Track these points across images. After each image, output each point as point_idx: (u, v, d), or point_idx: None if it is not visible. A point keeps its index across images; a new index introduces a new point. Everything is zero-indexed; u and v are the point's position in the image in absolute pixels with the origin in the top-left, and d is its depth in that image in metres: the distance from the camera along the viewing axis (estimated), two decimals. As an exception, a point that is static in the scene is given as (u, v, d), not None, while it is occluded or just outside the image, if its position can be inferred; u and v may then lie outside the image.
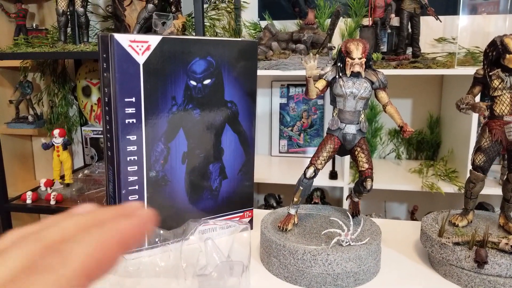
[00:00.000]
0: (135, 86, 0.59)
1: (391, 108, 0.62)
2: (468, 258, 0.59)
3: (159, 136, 0.63)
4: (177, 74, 0.63)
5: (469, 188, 0.66)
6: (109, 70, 0.58)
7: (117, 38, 0.57)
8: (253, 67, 0.70)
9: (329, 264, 0.58)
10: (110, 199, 0.64)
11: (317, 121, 1.94)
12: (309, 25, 1.64)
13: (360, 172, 0.63)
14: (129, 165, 0.61)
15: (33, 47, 1.67)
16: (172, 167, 0.66)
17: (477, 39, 1.70)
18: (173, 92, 0.63)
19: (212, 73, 0.66)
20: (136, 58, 0.59)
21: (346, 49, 0.60)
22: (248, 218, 0.76)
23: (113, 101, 0.59)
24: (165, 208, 0.66)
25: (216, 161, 0.70)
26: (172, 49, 0.62)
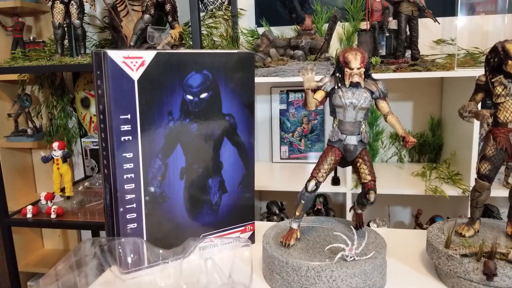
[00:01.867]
0: (130, 102, 0.58)
1: (392, 118, 0.61)
2: (476, 270, 0.57)
3: (156, 152, 0.62)
4: (173, 88, 0.62)
5: (475, 197, 0.64)
6: (103, 87, 0.57)
7: (110, 54, 0.56)
8: (250, 78, 0.69)
9: (333, 280, 0.56)
10: (108, 217, 0.63)
11: (317, 126, 1.93)
12: (306, 31, 1.63)
13: (363, 184, 0.61)
14: (126, 183, 0.60)
15: (31, 61, 1.67)
16: (171, 183, 0.64)
17: (476, 40, 1.69)
18: (169, 107, 0.62)
19: (209, 87, 0.65)
20: (131, 75, 0.57)
21: (345, 59, 0.59)
22: (250, 232, 0.75)
23: (107, 119, 0.58)
24: (164, 225, 0.65)
25: (216, 175, 0.69)
26: (167, 63, 0.60)
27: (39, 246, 2.33)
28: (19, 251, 2.00)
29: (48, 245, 2.36)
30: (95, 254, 0.57)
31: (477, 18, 1.72)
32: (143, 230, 0.63)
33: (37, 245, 2.32)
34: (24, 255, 2.18)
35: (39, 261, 2.21)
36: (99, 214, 1.67)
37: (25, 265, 2.13)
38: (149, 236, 0.63)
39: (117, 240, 0.59)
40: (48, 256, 2.26)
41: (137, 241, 0.60)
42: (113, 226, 0.61)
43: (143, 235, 0.63)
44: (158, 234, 0.64)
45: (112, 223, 0.62)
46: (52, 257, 2.25)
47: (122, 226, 0.61)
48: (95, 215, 1.67)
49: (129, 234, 0.61)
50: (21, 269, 2.01)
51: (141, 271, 0.62)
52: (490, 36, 1.71)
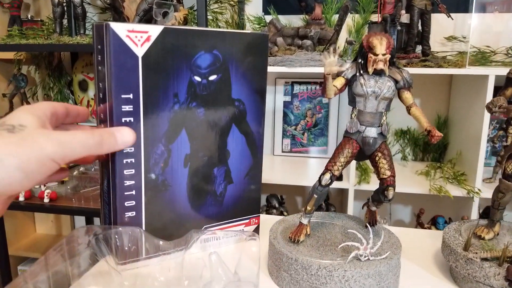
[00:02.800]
0: (133, 81, 0.53)
1: (417, 111, 0.57)
2: (497, 276, 0.53)
3: (159, 137, 0.57)
4: (180, 69, 0.57)
5: (497, 198, 0.60)
6: (104, 63, 0.52)
7: (113, 27, 0.51)
8: (263, 62, 0.64)
9: (346, 280, 0.52)
10: (104, 204, 0.58)
11: (321, 120, 1.89)
12: (316, 21, 1.58)
13: (381, 180, 0.57)
14: (125, 168, 0.55)
15: (27, 39, 1.61)
16: (173, 170, 0.60)
17: (488, 38, 1.65)
18: (175, 88, 0.57)
19: (219, 69, 0.60)
20: (135, 50, 0.53)
21: (369, 44, 0.54)
22: (254, 226, 0.71)
23: (108, 98, 0.53)
24: (164, 215, 0.60)
25: (221, 165, 0.64)
26: (175, 41, 0.55)
27: (31, 231, 2.29)
28: (10, 234, 1.95)
29: (41, 230, 2.32)
30: (89, 243, 0.52)
31: (489, 16, 1.68)
32: (142, 219, 0.58)
33: (29, 229, 2.27)
34: (16, 239, 2.14)
35: (31, 245, 2.17)
36: (93, 200, 1.63)
37: (16, 249, 2.09)
38: (148, 226, 0.59)
39: (114, 229, 0.55)
40: (40, 241, 2.22)
41: (135, 231, 0.55)
42: (109, 213, 0.57)
43: (142, 225, 0.58)
44: (157, 224, 0.60)
45: (109, 211, 0.57)
46: (44, 242, 2.21)
47: (119, 214, 0.56)
48: (90, 201, 1.63)
49: (127, 222, 0.57)
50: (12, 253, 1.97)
51: (138, 262, 0.58)
52: (503, 36, 1.67)
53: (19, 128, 0.40)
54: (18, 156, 0.38)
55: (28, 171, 0.39)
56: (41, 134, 0.41)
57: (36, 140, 0.40)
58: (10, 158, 0.38)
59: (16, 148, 0.38)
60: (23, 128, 0.40)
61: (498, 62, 1.54)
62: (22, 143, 0.39)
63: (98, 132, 0.47)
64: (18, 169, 0.38)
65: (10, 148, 0.38)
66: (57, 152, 0.41)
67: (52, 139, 0.41)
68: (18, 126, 0.40)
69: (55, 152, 0.41)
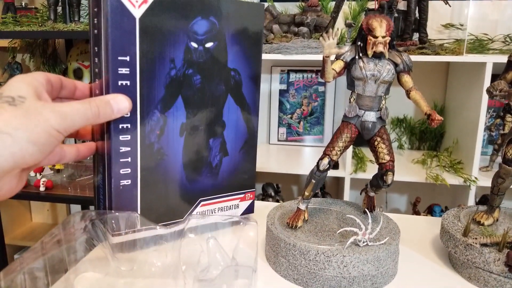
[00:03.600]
0: (129, 43, 0.52)
1: (416, 94, 0.56)
2: (497, 261, 0.53)
3: (155, 103, 0.56)
4: (177, 33, 0.55)
5: (497, 183, 0.60)
6: (101, 26, 0.51)
7: None
8: (259, 32, 0.63)
9: (344, 266, 0.52)
10: (98, 174, 0.57)
11: (317, 108, 1.88)
12: (312, 7, 1.57)
13: (380, 164, 0.57)
14: (121, 134, 0.54)
15: (22, 26, 1.59)
16: (169, 139, 0.58)
17: (485, 26, 1.64)
18: (172, 54, 0.56)
19: (215, 36, 0.59)
20: (132, 11, 0.51)
21: (368, 26, 0.53)
22: (250, 201, 0.70)
23: (104, 60, 0.51)
24: (160, 184, 0.59)
25: (217, 136, 0.63)
26: (172, 4, 0.54)
27: (27, 219, 2.28)
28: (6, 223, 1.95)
29: (37, 219, 2.31)
30: (85, 228, 0.51)
31: (488, 3, 1.67)
32: (138, 188, 0.57)
33: (25, 218, 2.26)
34: (12, 228, 2.13)
35: (27, 234, 2.17)
36: (89, 188, 1.62)
37: (12, 238, 2.09)
38: (142, 196, 0.58)
39: (110, 214, 0.54)
40: (36, 230, 2.21)
41: (132, 216, 0.55)
42: (103, 183, 0.56)
43: (137, 194, 0.57)
44: (153, 195, 0.58)
45: (102, 180, 0.56)
46: (40, 231, 2.20)
47: (114, 182, 0.55)
48: (85, 190, 1.62)
49: (122, 191, 0.55)
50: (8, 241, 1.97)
51: (135, 247, 0.57)
52: (500, 23, 1.67)
53: (19, 100, 0.40)
54: (27, 129, 0.39)
55: (39, 143, 0.40)
56: (44, 106, 0.41)
57: (40, 112, 0.40)
58: (20, 131, 0.38)
59: (24, 121, 0.39)
60: (24, 100, 0.40)
61: (496, 50, 1.54)
62: (28, 116, 0.39)
63: (95, 102, 0.47)
64: (30, 141, 0.39)
65: (18, 121, 0.38)
66: (61, 123, 0.42)
67: (55, 111, 0.42)
68: (17, 98, 0.40)
69: (59, 123, 0.41)
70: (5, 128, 0.37)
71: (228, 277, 0.46)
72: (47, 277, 0.46)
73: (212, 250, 0.50)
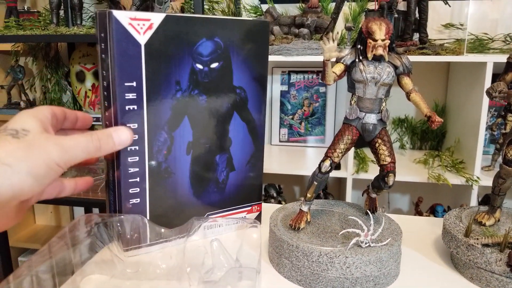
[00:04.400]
0: (136, 69, 0.53)
1: (416, 96, 0.57)
2: (499, 262, 0.54)
3: (162, 124, 0.57)
4: (182, 56, 0.57)
5: (498, 184, 0.60)
6: (108, 52, 0.52)
7: (116, 15, 0.50)
8: (264, 50, 0.64)
9: (347, 267, 0.53)
10: (110, 192, 0.58)
11: (318, 109, 1.89)
12: (312, 9, 1.57)
13: (381, 166, 0.57)
14: (129, 156, 0.55)
15: (25, 30, 1.60)
16: (176, 158, 0.60)
17: (486, 25, 1.65)
18: (177, 76, 0.57)
19: (220, 56, 0.60)
20: (137, 38, 0.52)
21: (368, 29, 0.54)
22: (256, 213, 0.71)
23: (111, 86, 0.53)
24: (167, 202, 0.61)
25: (223, 152, 0.64)
26: (177, 28, 0.55)
27: (31, 222, 2.29)
28: (9, 226, 1.95)
29: (40, 221, 2.32)
30: (91, 231, 0.52)
31: (488, 3, 1.67)
32: (146, 205, 0.58)
33: (29, 220, 2.27)
34: (15, 230, 2.14)
35: (30, 236, 2.18)
36: (92, 191, 1.63)
37: (16, 240, 2.10)
38: (151, 213, 0.59)
39: (116, 217, 0.55)
40: (40, 232, 2.23)
41: (137, 219, 0.56)
42: (114, 201, 0.57)
43: (146, 211, 0.59)
44: (160, 210, 0.60)
45: (114, 198, 0.57)
46: (43, 233, 2.21)
47: (124, 201, 0.56)
48: (89, 192, 1.62)
49: (131, 209, 0.57)
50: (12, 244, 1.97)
51: (140, 249, 0.58)
52: (500, 22, 1.67)
53: (23, 133, 0.41)
54: (27, 161, 0.39)
55: (38, 175, 0.40)
56: (46, 139, 0.42)
57: (42, 145, 0.41)
58: (20, 163, 0.39)
59: (25, 154, 0.39)
60: (27, 133, 0.41)
61: (496, 49, 1.54)
62: (29, 148, 0.40)
63: (96, 136, 0.48)
64: (29, 174, 0.39)
65: (19, 153, 0.39)
66: (62, 157, 0.42)
67: (56, 144, 0.42)
68: (21, 131, 0.41)
69: (60, 157, 0.42)
70: (6, 159, 0.38)
71: (232, 278, 0.47)
72: (54, 279, 0.47)
73: (216, 252, 0.51)
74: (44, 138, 0.42)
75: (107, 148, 0.50)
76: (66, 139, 0.44)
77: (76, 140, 0.45)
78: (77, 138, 0.45)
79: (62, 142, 0.43)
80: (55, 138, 0.43)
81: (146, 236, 0.58)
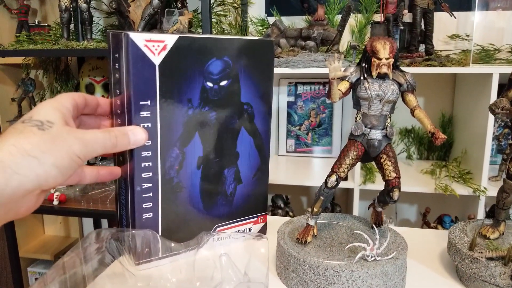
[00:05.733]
0: (150, 88, 0.55)
1: (420, 113, 0.58)
2: (503, 275, 0.54)
3: (175, 141, 0.59)
4: (194, 75, 0.59)
5: (502, 198, 0.61)
6: (121, 71, 0.54)
7: (132, 37, 0.52)
8: (269, 67, 0.67)
9: (353, 281, 0.54)
10: (121, 207, 0.60)
11: (325, 120, 1.90)
12: (318, 22, 1.59)
13: (387, 181, 0.58)
14: (143, 172, 0.57)
15: (36, 44, 1.63)
16: (187, 173, 0.62)
17: (492, 36, 1.65)
18: (189, 94, 0.59)
19: (229, 74, 0.62)
20: (152, 59, 0.54)
21: (372, 48, 0.55)
22: (262, 223, 0.73)
23: (126, 105, 0.55)
24: (179, 215, 0.63)
25: (231, 166, 0.66)
26: (189, 48, 0.58)
27: (40, 232, 2.31)
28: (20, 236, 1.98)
29: (49, 232, 2.34)
30: (103, 245, 0.54)
31: (492, 14, 1.68)
32: (159, 220, 0.60)
33: (38, 231, 2.30)
34: (25, 241, 2.16)
35: (40, 247, 2.20)
36: (101, 202, 1.65)
37: (25, 251, 2.12)
38: (164, 227, 0.61)
39: (127, 232, 0.56)
40: (49, 243, 2.25)
41: (148, 233, 0.57)
42: (127, 215, 0.59)
43: (158, 225, 0.60)
44: (172, 224, 0.62)
45: (126, 212, 0.59)
46: (53, 244, 2.23)
47: (137, 216, 0.58)
48: (98, 203, 1.65)
49: (144, 223, 0.59)
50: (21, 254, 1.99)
51: (151, 263, 0.59)
52: (506, 33, 1.68)
53: (48, 125, 0.43)
54: (53, 153, 0.42)
55: (62, 167, 0.42)
56: (69, 133, 0.44)
57: (65, 138, 0.43)
58: (46, 155, 0.41)
59: (50, 146, 0.42)
60: (51, 125, 0.43)
61: (502, 60, 1.55)
62: (54, 141, 0.42)
63: (114, 133, 0.50)
64: (54, 165, 0.42)
65: (45, 145, 0.41)
66: (82, 150, 0.45)
67: (78, 138, 0.45)
68: (46, 123, 0.43)
69: (80, 150, 0.44)
70: (33, 151, 0.40)
71: (241, 293, 0.48)
72: (67, 294, 0.48)
73: (225, 266, 0.52)
74: (67, 132, 0.44)
75: (123, 145, 0.52)
76: (86, 133, 0.46)
77: (95, 135, 0.47)
78: (96, 133, 0.48)
79: (83, 136, 0.45)
80: (76, 132, 0.45)
81: (157, 250, 0.59)
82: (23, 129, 0.42)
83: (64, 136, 0.43)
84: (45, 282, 0.44)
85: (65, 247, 2.21)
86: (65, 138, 0.43)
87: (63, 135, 0.43)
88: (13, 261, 1.88)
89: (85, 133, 0.46)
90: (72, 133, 0.44)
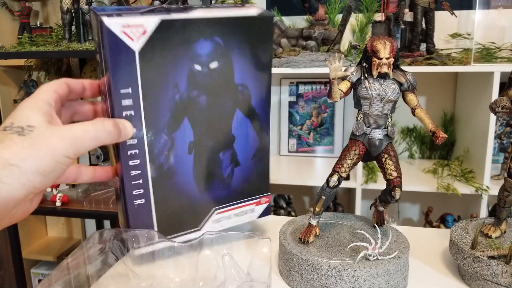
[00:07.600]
0: (130, 76, 0.53)
1: (421, 112, 0.58)
2: (505, 274, 0.54)
3: (162, 127, 0.57)
4: (179, 59, 0.56)
5: (503, 196, 0.61)
6: (101, 55, 0.52)
7: (108, 24, 0.49)
8: (267, 44, 0.63)
9: (355, 280, 0.54)
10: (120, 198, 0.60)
11: (327, 119, 1.90)
12: (319, 21, 1.60)
13: (388, 180, 0.58)
14: (130, 159, 0.56)
15: (37, 46, 1.64)
16: (178, 158, 0.61)
17: (493, 35, 1.65)
18: (175, 79, 0.57)
19: (220, 55, 0.59)
20: (131, 45, 0.51)
21: (373, 48, 0.55)
22: (265, 205, 0.71)
23: (107, 92, 0.53)
24: (173, 200, 0.62)
25: (227, 149, 0.65)
26: (173, 31, 0.54)
27: (43, 234, 2.32)
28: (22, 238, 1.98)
29: (52, 233, 2.35)
30: (106, 246, 0.54)
31: (493, 12, 1.68)
32: (151, 205, 0.60)
33: (41, 232, 2.30)
34: (28, 242, 2.17)
35: (42, 248, 2.20)
36: (104, 203, 1.66)
37: (28, 252, 2.12)
38: (158, 211, 0.61)
39: (130, 232, 0.57)
40: (52, 244, 2.25)
41: (151, 233, 0.57)
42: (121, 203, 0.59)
43: (151, 210, 0.60)
44: (168, 209, 0.62)
45: (122, 202, 0.59)
46: (55, 245, 2.24)
47: (129, 202, 0.58)
48: (100, 204, 1.65)
49: (138, 210, 0.59)
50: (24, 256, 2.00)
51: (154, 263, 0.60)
52: (507, 31, 1.68)
53: (28, 130, 0.41)
54: (34, 159, 0.40)
55: (46, 171, 0.41)
56: (52, 133, 0.42)
57: (48, 140, 0.41)
58: (26, 162, 0.39)
59: (31, 151, 0.40)
60: (32, 129, 0.41)
61: (504, 58, 1.55)
62: (35, 146, 0.40)
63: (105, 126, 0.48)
64: (37, 171, 0.40)
65: (25, 152, 0.39)
66: (69, 149, 0.42)
67: (63, 137, 0.42)
68: (26, 128, 0.41)
69: (66, 149, 0.42)
70: (13, 159, 0.38)
71: (243, 292, 0.48)
72: (71, 294, 0.49)
73: (228, 266, 0.52)
74: (50, 133, 0.42)
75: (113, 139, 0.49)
76: (73, 128, 0.43)
77: (85, 128, 0.45)
78: (86, 126, 0.45)
79: (69, 133, 0.43)
80: (62, 130, 0.43)
81: (160, 249, 0.59)
82: (4, 137, 0.40)
83: (46, 138, 0.41)
84: (50, 283, 0.44)
85: (67, 248, 2.22)
86: (47, 140, 0.41)
87: (45, 137, 0.41)
88: (16, 262, 1.89)
89: (72, 128, 0.43)
90: (57, 132, 0.42)
